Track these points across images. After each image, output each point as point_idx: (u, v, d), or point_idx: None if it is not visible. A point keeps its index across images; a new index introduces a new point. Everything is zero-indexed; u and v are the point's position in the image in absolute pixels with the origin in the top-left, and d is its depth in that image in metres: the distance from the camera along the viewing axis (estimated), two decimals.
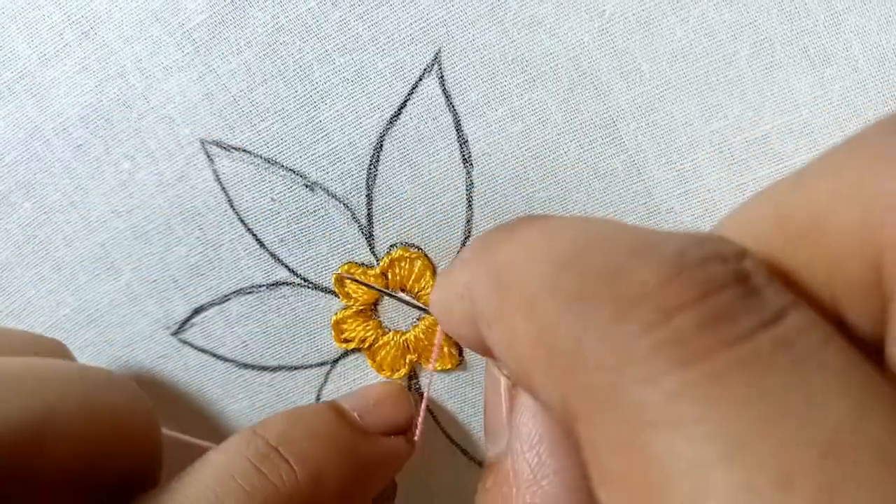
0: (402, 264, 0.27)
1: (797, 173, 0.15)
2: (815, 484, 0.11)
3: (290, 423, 0.25)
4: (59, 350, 0.26)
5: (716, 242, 0.14)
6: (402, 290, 0.28)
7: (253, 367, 0.29)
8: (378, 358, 0.29)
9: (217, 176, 0.27)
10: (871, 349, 0.14)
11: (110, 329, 0.29)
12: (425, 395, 0.28)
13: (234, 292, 0.28)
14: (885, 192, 0.13)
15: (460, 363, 0.29)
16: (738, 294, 0.13)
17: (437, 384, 0.29)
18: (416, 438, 0.28)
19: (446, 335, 0.27)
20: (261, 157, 0.26)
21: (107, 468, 0.21)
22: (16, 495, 0.19)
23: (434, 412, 0.30)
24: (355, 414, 0.26)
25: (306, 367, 0.29)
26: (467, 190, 0.26)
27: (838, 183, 0.14)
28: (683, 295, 0.13)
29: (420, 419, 0.28)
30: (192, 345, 0.29)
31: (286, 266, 0.28)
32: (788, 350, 0.12)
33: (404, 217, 0.27)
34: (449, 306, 0.19)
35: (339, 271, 0.28)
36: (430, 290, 0.28)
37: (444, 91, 0.25)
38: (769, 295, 0.13)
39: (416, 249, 0.27)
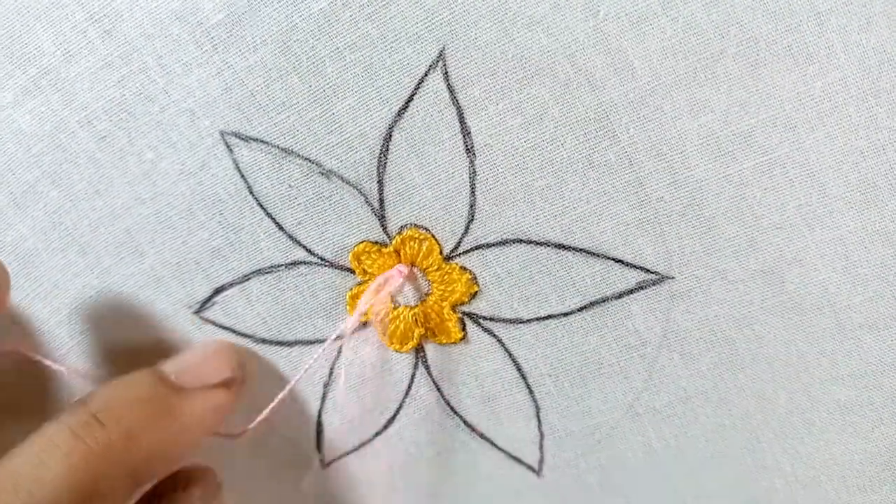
0: (413, 244, 0.28)
1: None
2: None
3: (110, 390, 0.27)
4: None
5: None
6: (413, 266, 0.29)
7: (272, 342, 0.30)
8: (388, 331, 0.30)
9: (237, 165, 0.27)
10: None
11: (134, 309, 0.30)
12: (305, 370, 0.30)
13: (254, 272, 0.29)
14: None
15: (463, 338, 0.30)
16: None
17: (441, 357, 0.30)
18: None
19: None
20: (278, 147, 0.27)
21: None
22: None
23: (438, 384, 0.31)
24: (173, 375, 0.28)
25: (322, 342, 0.30)
26: (470, 177, 0.27)
27: None
28: None
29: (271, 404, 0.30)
30: (213, 322, 0.30)
31: (304, 246, 0.29)
32: None
33: (413, 201, 0.28)
34: None
35: (356, 249, 0.29)
36: (436, 266, 0.29)
37: (449, 86, 0.26)
38: None
39: (425, 231, 0.28)
